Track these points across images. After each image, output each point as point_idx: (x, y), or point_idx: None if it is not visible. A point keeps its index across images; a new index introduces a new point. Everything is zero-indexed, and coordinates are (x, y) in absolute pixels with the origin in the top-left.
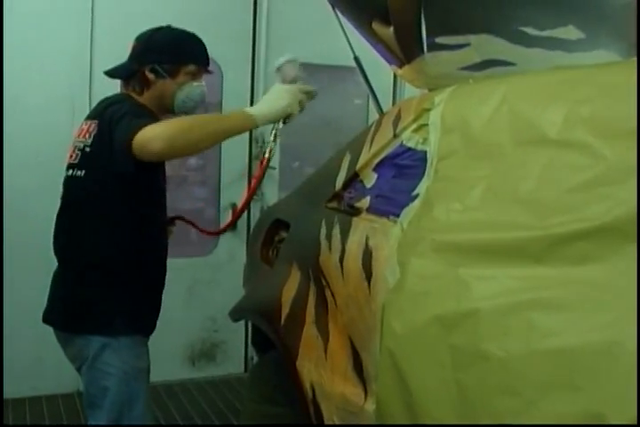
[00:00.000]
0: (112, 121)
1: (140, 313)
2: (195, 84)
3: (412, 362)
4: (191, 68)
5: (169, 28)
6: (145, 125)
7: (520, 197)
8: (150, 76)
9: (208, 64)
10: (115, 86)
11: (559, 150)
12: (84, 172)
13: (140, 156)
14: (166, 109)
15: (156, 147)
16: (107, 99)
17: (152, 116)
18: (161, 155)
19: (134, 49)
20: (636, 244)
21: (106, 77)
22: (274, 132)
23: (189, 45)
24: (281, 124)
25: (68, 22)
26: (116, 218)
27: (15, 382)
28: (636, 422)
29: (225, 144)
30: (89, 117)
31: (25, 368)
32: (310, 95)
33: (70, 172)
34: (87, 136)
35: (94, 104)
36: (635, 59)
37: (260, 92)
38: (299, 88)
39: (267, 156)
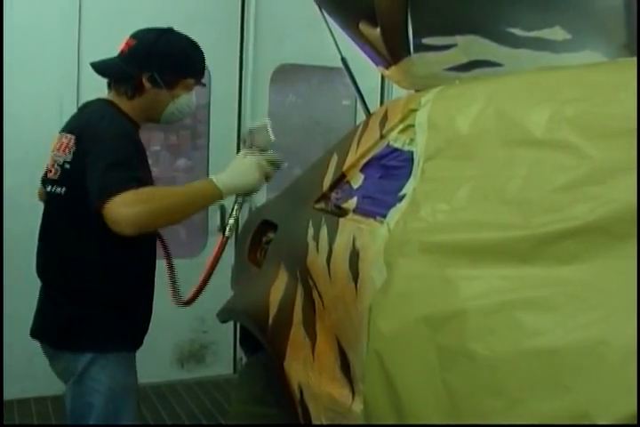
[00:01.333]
0: (90, 150)
1: (127, 330)
2: (186, 96)
3: (399, 362)
4: (190, 81)
5: (174, 33)
6: (123, 186)
7: (506, 198)
8: (147, 84)
9: (203, 75)
10: (103, 84)
11: (545, 150)
12: (64, 189)
13: (110, 226)
14: (152, 119)
15: (125, 230)
16: (85, 107)
17: (133, 144)
18: (129, 236)
19: (133, 50)
20: (621, 243)
21: (94, 75)
22: (235, 207)
23: (193, 58)
24: (241, 198)
25: (56, 19)
26: (98, 238)
27: (4, 383)
28: (622, 422)
29: (213, 146)
30: (68, 130)
31: (14, 370)
32: (277, 165)
33: (50, 188)
34: (67, 152)
35: (82, 101)
36: (621, 59)
37: (249, 94)
38: (267, 159)
39: (227, 234)
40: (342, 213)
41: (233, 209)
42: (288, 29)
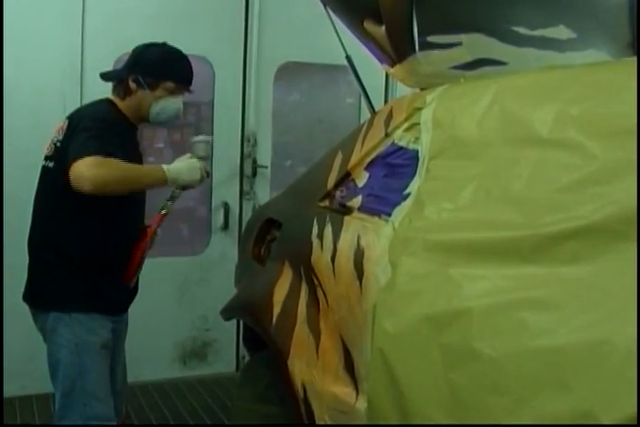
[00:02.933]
0: (77, 127)
1: (95, 292)
2: (171, 99)
3: (403, 361)
4: (169, 84)
5: (163, 45)
6: (92, 152)
7: (511, 197)
8: (132, 85)
9: (189, 84)
10: (104, 82)
11: (550, 150)
12: (53, 164)
13: (71, 183)
14: (142, 118)
15: (84, 187)
16: (96, 102)
17: (116, 131)
18: (87, 194)
19: (128, 59)
20: (625, 243)
21: (97, 69)
22: (173, 194)
23: (173, 64)
24: (179, 191)
25: (60, 17)
26: (73, 208)
27: (4, 381)
28: (625, 421)
29: (216, 143)
30: (67, 117)
31: (14, 367)
32: (207, 174)
33: (44, 162)
34: (60, 132)
35: (86, 100)
36: (626, 58)
37: (252, 92)
38: (203, 165)
39: (164, 212)
40: (347, 211)
41: (172, 194)
42: (292, 27)
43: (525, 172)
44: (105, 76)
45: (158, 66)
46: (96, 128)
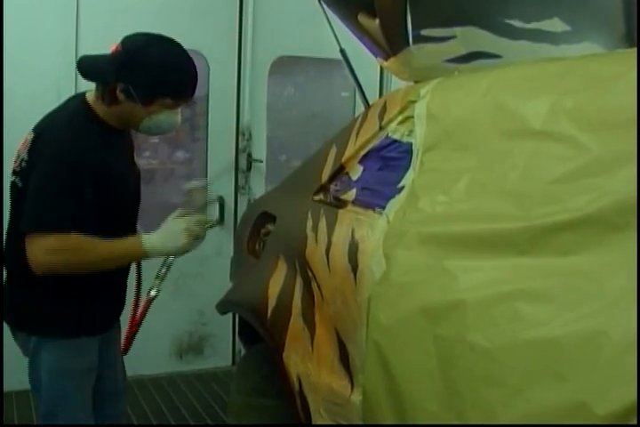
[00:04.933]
0: (40, 156)
1: (80, 315)
2: (167, 113)
3: (398, 353)
4: (168, 101)
5: (163, 44)
6: (48, 227)
7: (505, 189)
8: (120, 96)
9: (191, 96)
10: None
11: (543, 142)
12: (21, 184)
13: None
14: (129, 126)
15: (37, 272)
16: (65, 103)
17: (88, 156)
18: (36, 273)
19: (116, 56)
20: (620, 234)
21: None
22: (164, 269)
23: (175, 76)
24: (172, 258)
25: (54, 13)
26: None
27: (4, 377)
28: (619, 412)
29: (212, 137)
30: (34, 127)
31: (11, 362)
32: (210, 225)
33: (13, 178)
34: (25, 147)
35: (80, 90)
36: (620, 50)
37: (247, 86)
38: (198, 221)
39: (152, 294)
40: (341, 204)
41: (161, 269)
42: (286, 21)
43: (519, 164)
44: (85, 72)
45: (156, 80)
46: (57, 176)
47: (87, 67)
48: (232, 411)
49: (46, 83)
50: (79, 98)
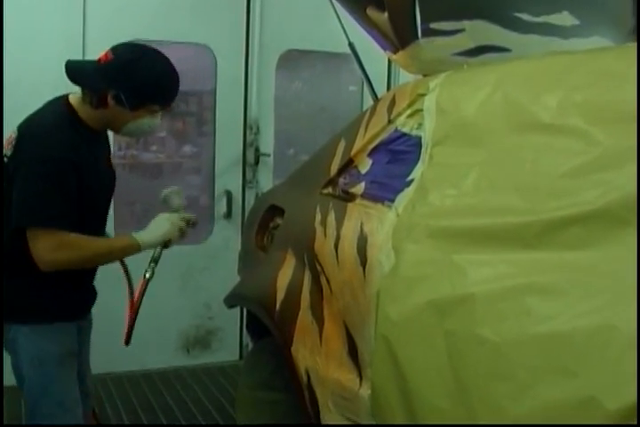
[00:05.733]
0: (24, 157)
1: (56, 301)
2: (150, 118)
3: (407, 347)
4: (154, 107)
5: (153, 56)
6: (44, 223)
7: (514, 183)
8: (111, 101)
9: (172, 102)
10: None
11: (553, 136)
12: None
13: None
14: (111, 128)
15: (43, 269)
16: (47, 105)
17: (72, 155)
18: (42, 270)
19: (108, 65)
20: (629, 229)
21: (98, 51)
22: (154, 255)
23: (163, 86)
24: (159, 249)
25: (61, 8)
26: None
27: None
28: (629, 406)
29: (219, 131)
30: (19, 126)
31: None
32: (190, 222)
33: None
34: (9, 146)
35: None
36: (630, 44)
37: (255, 80)
38: (179, 216)
39: (147, 277)
40: (350, 198)
41: (153, 255)
42: (294, 15)
43: (528, 158)
44: (74, 77)
45: (148, 88)
46: (45, 175)
47: (75, 73)
48: (240, 405)
49: (53, 77)
50: (62, 100)
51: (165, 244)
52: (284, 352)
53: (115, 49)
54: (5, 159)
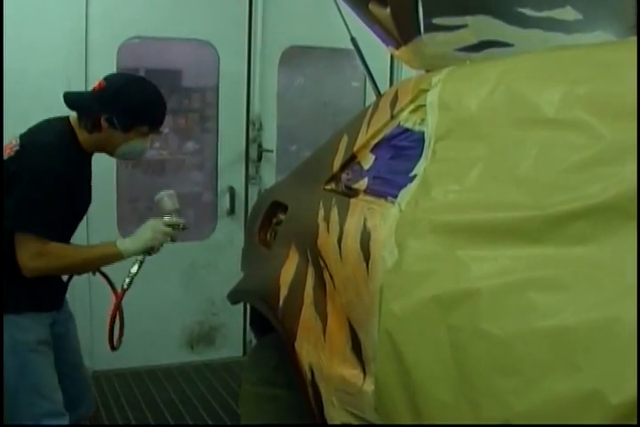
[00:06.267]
0: (26, 166)
1: (26, 292)
2: (140, 140)
3: (411, 343)
4: (144, 129)
5: (142, 82)
6: (33, 230)
7: (518, 178)
8: (104, 124)
9: (161, 125)
10: (111, 61)
11: (557, 130)
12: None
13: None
14: (104, 152)
15: (25, 274)
16: (48, 122)
17: (69, 176)
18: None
19: (101, 91)
20: (633, 222)
21: (101, 52)
22: (137, 264)
23: (152, 108)
24: (142, 257)
25: (64, 1)
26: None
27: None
28: (634, 400)
29: (222, 128)
30: (20, 136)
31: None
32: (180, 227)
33: None
34: (9, 153)
35: (90, 82)
36: (633, 38)
37: (257, 76)
38: (165, 222)
39: (124, 287)
40: (353, 193)
41: (134, 265)
42: (297, 11)
43: (532, 152)
44: (70, 103)
45: (137, 110)
46: (42, 186)
47: (72, 100)
48: (243, 401)
49: (56, 68)
50: (64, 121)
51: (148, 251)
52: (287, 348)
53: (107, 78)
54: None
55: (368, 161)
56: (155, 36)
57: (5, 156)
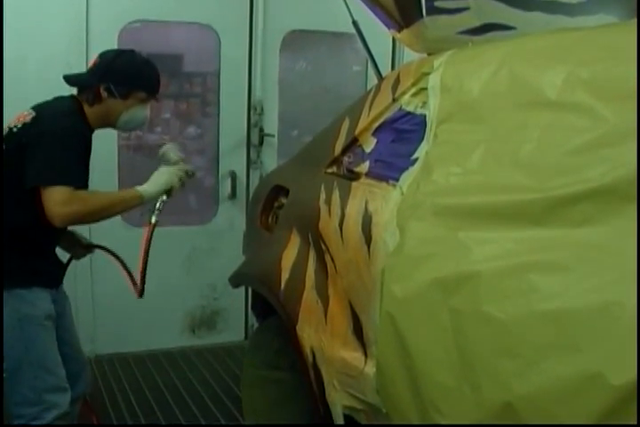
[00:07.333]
0: (45, 130)
1: (33, 268)
2: (140, 108)
3: (412, 325)
4: (141, 94)
5: (132, 53)
6: (59, 182)
7: (520, 160)
8: (104, 93)
9: (157, 92)
10: (111, 43)
11: (559, 112)
12: (5, 146)
13: (46, 214)
14: (108, 125)
15: (55, 224)
16: (57, 98)
17: (82, 139)
18: (56, 225)
19: (96, 65)
20: (635, 205)
21: (102, 36)
22: (159, 204)
23: (145, 74)
24: (165, 197)
25: None
26: (12, 193)
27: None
28: (634, 381)
29: (223, 112)
30: (34, 107)
31: None
32: (189, 173)
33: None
34: (20, 121)
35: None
36: (634, 21)
37: (259, 61)
38: (178, 168)
39: (153, 222)
40: (354, 176)
41: (158, 206)
42: None
43: (535, 135)
44: (70, 81)
45: (131, 76)
46: (64, 143)
47: (72, 79)
48: (245, 384)
49: (57, 54)
50: (72, 98)
51: (168, 192)
52: (289, 331)
53: (100, 55)
54: (15, 129)
55: (369, 144)
56: (156, 20)
57: (19, 123)
